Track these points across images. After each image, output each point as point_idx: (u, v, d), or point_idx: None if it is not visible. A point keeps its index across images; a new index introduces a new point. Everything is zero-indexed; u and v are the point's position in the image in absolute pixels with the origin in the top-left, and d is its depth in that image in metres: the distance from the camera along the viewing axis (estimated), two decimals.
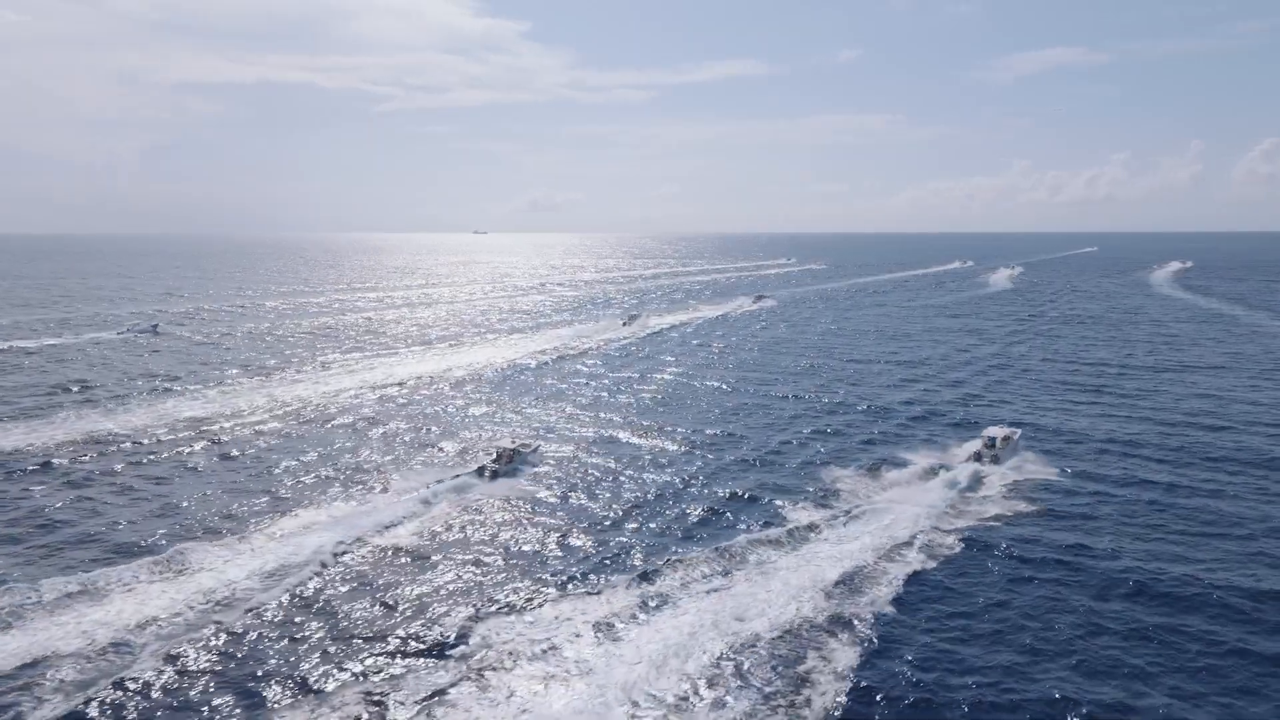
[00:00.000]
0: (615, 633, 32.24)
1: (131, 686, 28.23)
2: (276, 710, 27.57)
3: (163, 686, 28.42)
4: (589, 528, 44.01)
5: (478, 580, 37.48)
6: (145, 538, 41.57)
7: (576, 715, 27.09)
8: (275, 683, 29.02)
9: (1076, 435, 61.56)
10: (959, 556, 39.79)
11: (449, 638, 31.98)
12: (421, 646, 31.45)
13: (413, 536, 42.52)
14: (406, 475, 51.99)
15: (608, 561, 39.53)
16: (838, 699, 28.11)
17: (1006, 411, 68.95)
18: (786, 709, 27.54)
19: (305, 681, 29.10)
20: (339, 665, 30.21)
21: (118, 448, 57.29)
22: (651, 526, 44.20)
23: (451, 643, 31.61)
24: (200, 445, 58.37)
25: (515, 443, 57.14)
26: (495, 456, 53.96)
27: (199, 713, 27.46)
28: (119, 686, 28.15)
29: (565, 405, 73.13)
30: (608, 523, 44.71)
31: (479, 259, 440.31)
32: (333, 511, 45.56)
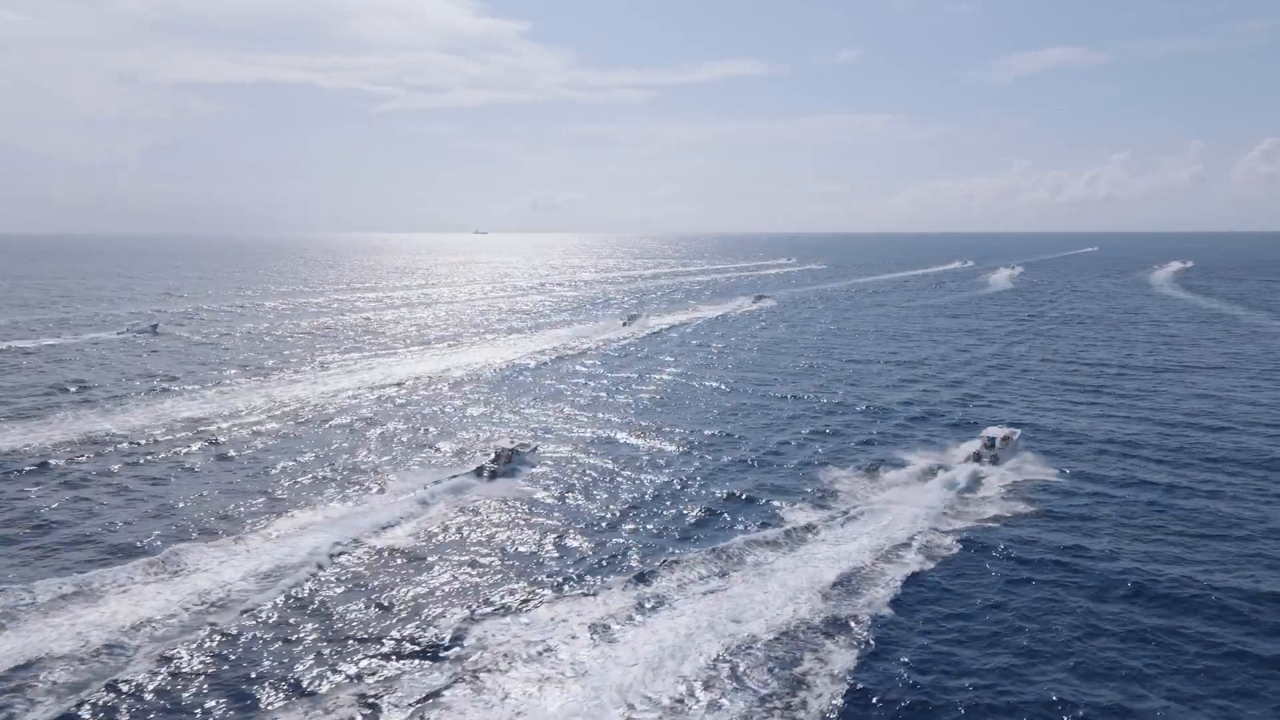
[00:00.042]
0: (611, 634, 32.11)
1: (124, 689, 28.10)
2: (270, 712, 27.44)
3: (156, 689, 28.29)
4: (586, 528, 43.89)
5: (474, 581, 37.37)
6: (141, 539, 41.46)
7: (571, 718, 26.95)
8: (269, 685, 28.90)
9: (1076, 436, 61.42)
10: (957, 558, 39.66)
11: (444, 639, 31.87)
12: (416, 648, 31.34)
13: (409, 537, 42.40)
14: (404, 476, 51.86)
15: (604, 563, 39.41)
16: (834, 701, 27.99)
17: (1006, 412, 68.82)
18: (782, 711, 27.42)
19: (299, 683, 28.98)
20: (333, 667, 30.10)
21: (115, 448, 57.18)
22: (649, 527, 44.09)
23: (446, 644, 31.49)
24: (197, 446, 58.26)
25: (514, 443, 57.05)
26: (494, 457, 53.86)
27: (192, 715, 27.33)
28: (112, 689, 28.02)
29: (564, 405, 73.02)
30: (605, 524, 44.59)
31: (479, 259, 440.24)
32: (329, 512, 45.42)
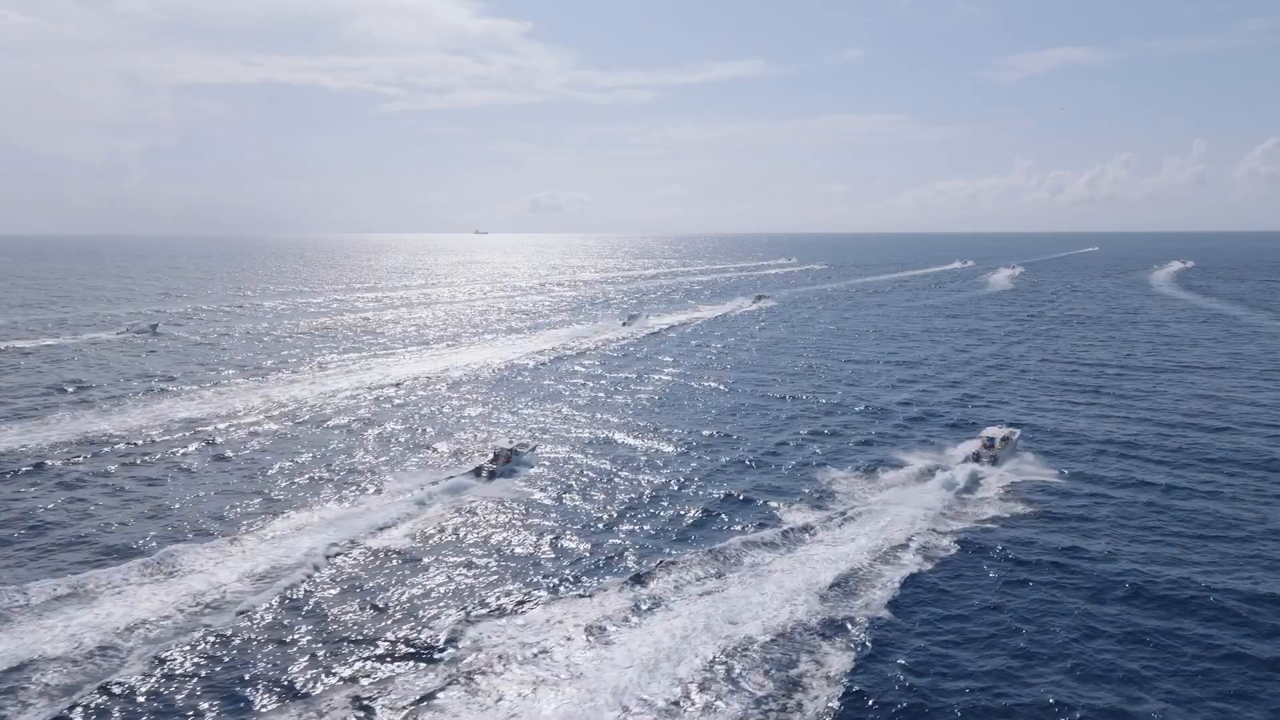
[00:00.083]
0: (607, 636, 31.98)
1: (117, 691, 27.96)
2: (263, 715, 27.32)
3: (148, 691, 28.16)
4: (583, 529, 43.76)
5: (470, 583, 37.25)
6: (136, 540, 41.34)
7: None
8: (262, 687, 28.78)
9: (1074, 436, 61.26)
10: (955, 559, 39.52)
11: (439, 641, 31.74)
12: (411, 650, 31.21)
13: (406, 538, 42.26)
14: (401, 477, 51.72)
15: (601, 564, 39.28)
16: (829, 704, 27.85)
17: (1005, 412, 68.67)
18: (778, 713, 27.29)
19: (293, 685, 28.86)
20: (327, 669, 29.98)
21: (111, 449, 57.08)
22: (646, 528, 43.96)
23: (441, 646, 31.36)
24: (194, 446, 58.15)
25: (512, 443, 56.93)
26: (492, 457, 53.75)
27: (184, 718, 27.19)
28: (105, 691, 27.88)
29: (563, 406, 72.90)
30: (602, 524, 44.46)
31: (479, 259, 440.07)
32: (326, 513, 45.30)
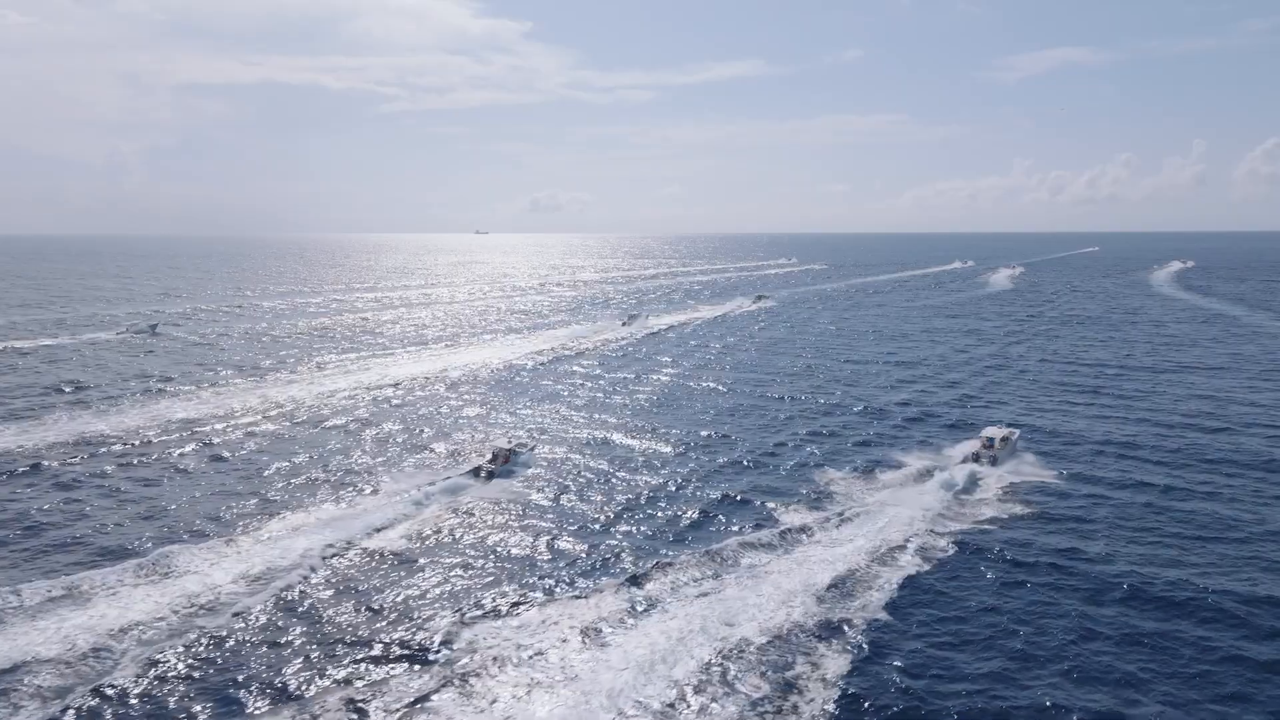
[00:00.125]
0: (603, 638, 31.85)
1: (110, 693, 27.84)
2: (255, 717, 27.18)
3: (141, 693, 28.03)
4: (580, 530, 43.64)
5: (465, 584, 37.12)
6: (131, 541, 41.22)
7: None
8: (255, 689, 28.65)
9: (1073, 437, 61.12)
10: (952, 560, 39.39)
11: (434, 643, 31.61)
12: (406, 652, 31.08)
13: (403, 539, 42.13)
14: (398, 477, 51.60)
15: (597, 565, 39.16)
16: (825, 706, 27.72)
17: (1004, 413, 68.52)
18: (773, 716, 27.16)
19: (286, 688, 28.73)
20: (322, 671, 29.85)
21: (108, 449, 56.96)
22: (643, 529, 43.83)
23: (436, 648, 31.23)
24: (191, 447, 58.03)
25: (511, 443, 56.76)
26: (491, 457, 53.63)
27: None
28: (97, 693, 27.75)
29: (562, 406, 72.77)
30: (599, 525, 44.34)
31: (479, 259, 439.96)
32: (322, 514, 45.20)
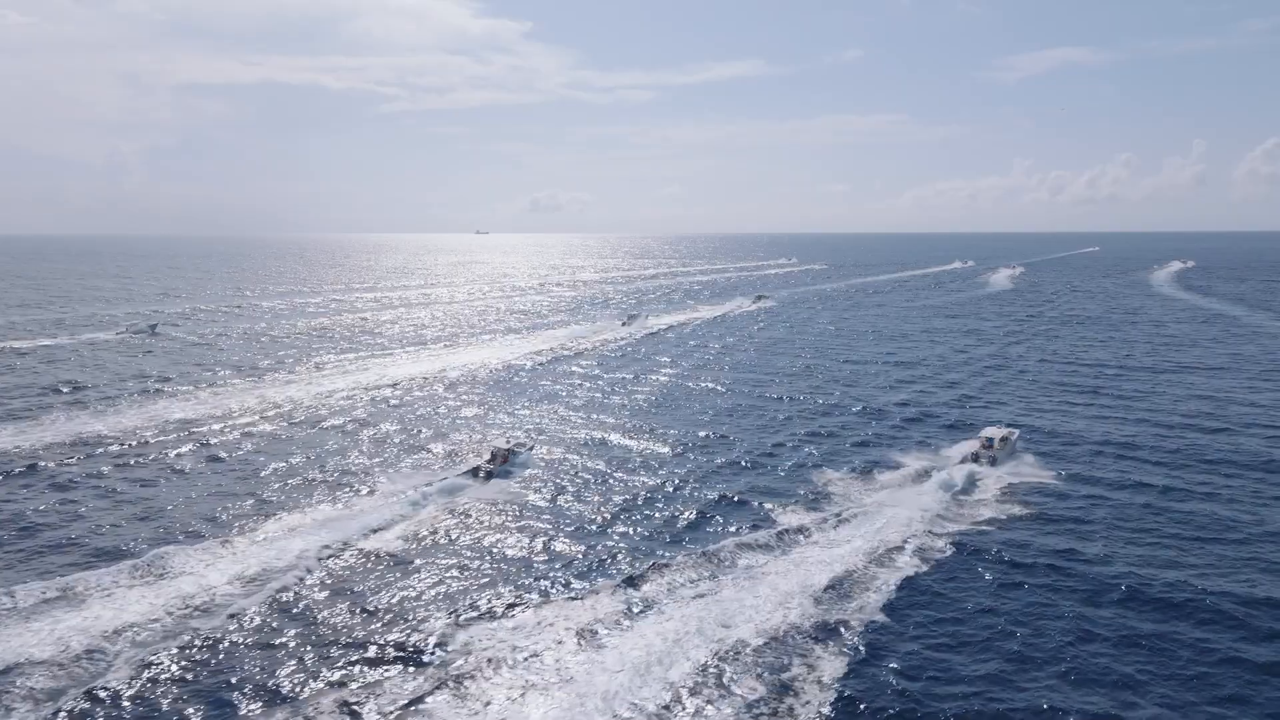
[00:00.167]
0: (598, 639, 31.72)
1: (102, 695, 27.71)
2: None
3: (134, 696, 27.90)
4: (577, 531, 43.51)
5: (461, 585, 36.99)
6: (127, 542, 41.09)
7: None
8: (249, 691, 28.53)
9: (1072, 437, 60.98)
10: (950, 561, 39.25)
11: (429, 644, 31.49)
12: (400, 654, 30.96)
13: (399, 540, 42.00)
14: (395, 478, 51.48)
15: (594, 566, 39.04)
16: (821, 709, 27.59)
17: (1003, 413, 68.40)
18: (769, 718, 27.03)
19: (280, 690, 28.62)
20: (315, 673, 29.73)
21: (105, 450, 56.85)
22: (640, 530, 43.72)
23: (431, 650, 31.11)
24: (188, 448, 57.91)
25: (509, 444, 56.63)
26: (490, 457, 53.55)
27: None
28: (90, 696, 27.62)
29: (561, 406, 72.65)
30: (596, 526, 44.22)
31: (479, 259, 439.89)
32: (319, 515, 45.08)
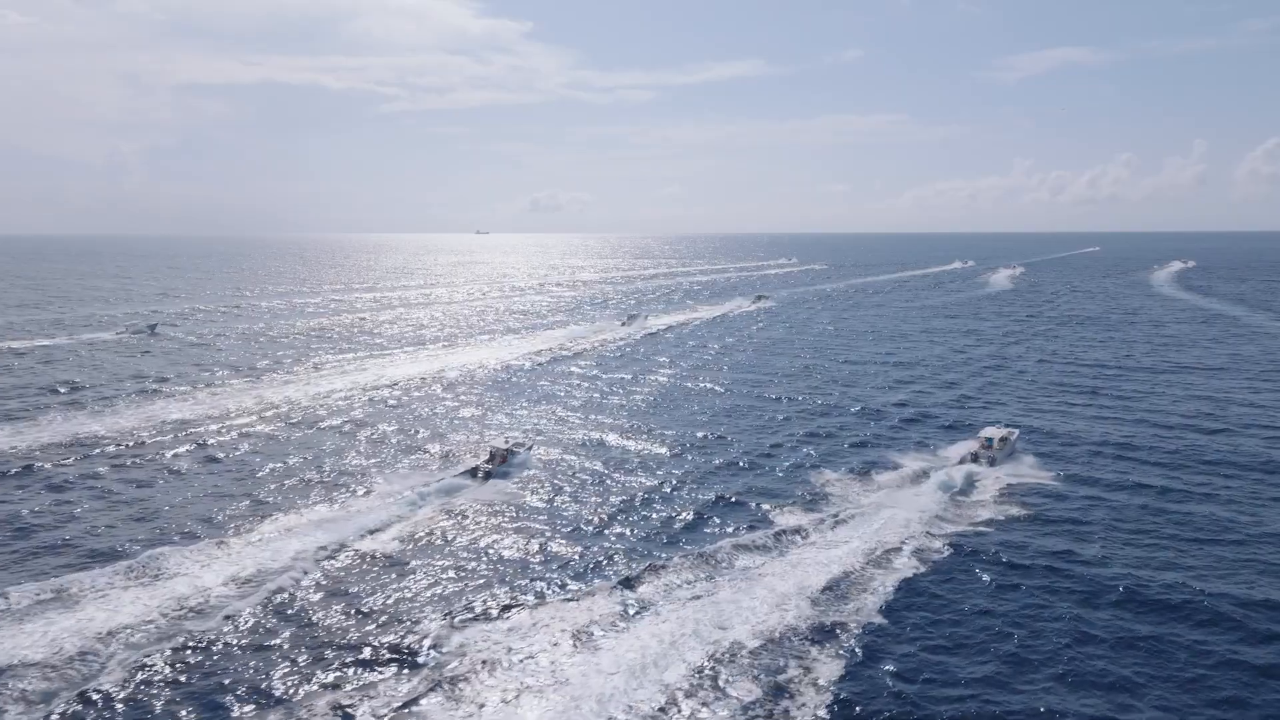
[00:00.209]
0: (594, 641, 31.60)
1: (95, 698, 27.58)
2: None
3: (126, 698, 27.77)
4: (574, 532, 43.39)
5: (457, 586, 36.87)
6: (122, 543, 40.98)
7: None
8: (242, 693, 28.40)
9: (1071, 438, 60.84)
10: (947, 562, 39.12)
11: (424, 646, 31.36)
12: (395, 655, 30.83)
13: (395, 541, 41.88)
14: (392, 479, 51.36)
15: (590, 567, 38.91)
16: (817, 711, 27.45)
17: (1001, 413, 68.26)
18: None
19: (273, 692, 28.48)
20: (309, 675, 29.60)
21: (101, 451, 56.73)
22: (637, 531, 43.59)
23: (426, 651, 30.98)
24: (185, 448, 57.77)
25: (508, 444, 56.48)
26: (488, 457, 53.46)
27: None
28: (82, 698, 27.49)
29: (560, 407, 72.53)
30: (593, 527, 44.10)
31: (479, 259, 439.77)
32: (315, 516, 44.96)
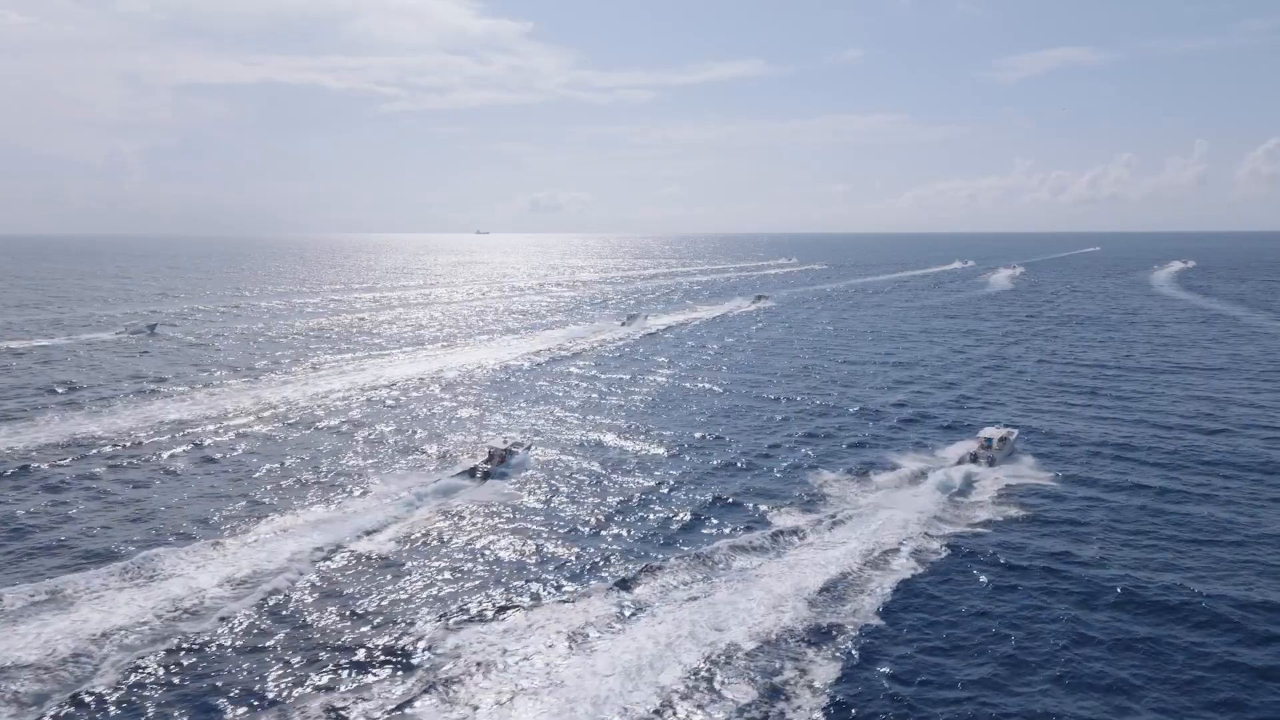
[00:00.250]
0: (589, 643, 31.48)
1: (88, 700, 27.48)
2: None
3: (119, 700, 27.65)
4: (571, 533, 43.27)
5: (453, 588, 36.75)
6: (118, 544, 40.86)
7: None
8: (235, 695, 28.28)
9: (1070, 438, 60.71)
10: (945, 563, 38.99)
11: (419, 648, 31.25)
12: (390, 657, 30.71)
13: (392, 542, 41.76)
14: (390, 479, 51.24)
15: (587, 568, 38.79)
16: (813, 714, 27.32)
17: (1000, 414, 68.12)
18: None
19: (267, 694, 28.35)
20: (304, 677, 29.48)
21: (98, 451, 56.62)
22: (634, 532, 43.47)
23: (420, 653, 30.87)
24: (182, 449, 57.66)
25: (507, 444, 56.35)
26: (487, 457, 53.37)
27: None
28: (75, 701, 27.39)
29: (559, 407, 72.41)
30: (590, 528, 43.98)
31: (479, 259, 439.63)
32: (312, 517, 44.84)
